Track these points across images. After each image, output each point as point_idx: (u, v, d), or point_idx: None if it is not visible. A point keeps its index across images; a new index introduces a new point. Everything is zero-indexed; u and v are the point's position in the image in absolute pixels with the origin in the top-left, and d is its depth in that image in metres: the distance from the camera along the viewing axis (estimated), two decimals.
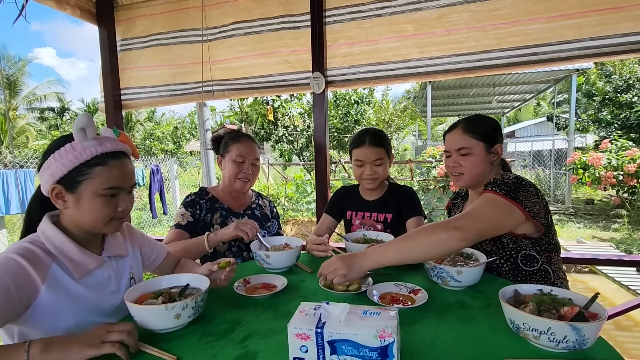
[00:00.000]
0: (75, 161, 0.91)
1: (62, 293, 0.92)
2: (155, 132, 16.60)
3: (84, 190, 0.93)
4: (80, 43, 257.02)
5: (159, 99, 2.61)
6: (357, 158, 1.64)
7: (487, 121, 1.36)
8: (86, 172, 0.92)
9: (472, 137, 1.31)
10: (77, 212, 0.95)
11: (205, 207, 1.63)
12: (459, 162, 1.33)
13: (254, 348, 0.82)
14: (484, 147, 1.30)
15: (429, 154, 7.61)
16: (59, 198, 0.94)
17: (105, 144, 0.94)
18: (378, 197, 1.72)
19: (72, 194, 0.93)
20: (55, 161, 0.91)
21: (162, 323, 0.89)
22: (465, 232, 1.04)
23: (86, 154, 0.91)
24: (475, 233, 1.06)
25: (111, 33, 2.57)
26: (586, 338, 0.73)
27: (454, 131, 1.36)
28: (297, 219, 8.48)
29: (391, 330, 0.68)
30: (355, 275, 1.08)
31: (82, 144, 0.91)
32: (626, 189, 6.89)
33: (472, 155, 1.31)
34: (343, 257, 1.10)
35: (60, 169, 0.91)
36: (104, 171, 0.93)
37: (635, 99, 11.42)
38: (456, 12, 1.94)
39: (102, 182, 0.93)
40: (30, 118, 20.91)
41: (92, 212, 0.94)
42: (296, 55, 2.27)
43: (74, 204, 0.94)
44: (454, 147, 1.35)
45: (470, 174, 1.33)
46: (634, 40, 1.68)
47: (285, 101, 11.40)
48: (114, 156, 0.96)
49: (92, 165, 0.92)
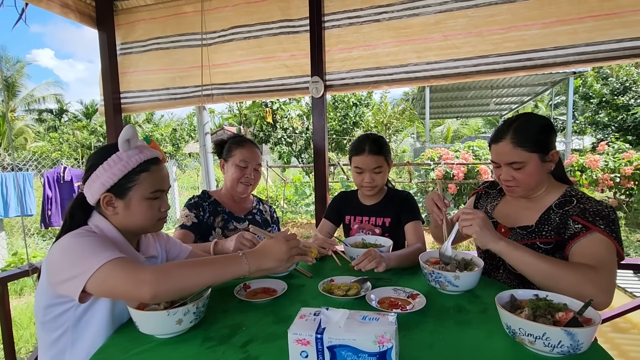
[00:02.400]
0: (124, 170, 0.99)
1: None
2: (154, 134, 16.59)
3: (133, 196, 1.01)
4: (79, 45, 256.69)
5: (158, 102, 2.62)
6: (356, 165, 1.65)
7: (537, 125, 1.19)
8: (134, 179, 1.01)
9: (524, 151, 1.16)
10: (127, 215, 1.02)
11: (208, 210, 1.64)
12: (511, 176, 1.21)
13: (254, 353, 0.83)
14: (538, 157, 1.17)
15: (428, 156, 7.64)
16: (110, 205, 1.01)
17: (145, 151, 1.03)
18: (376, 202, 1.74)
19: (122, 200, 1.01)
20: (105, 171, 0.98)
21: (164, 328, 0.90)
22: (606, 296, 1.00)
23: (132, 162, 1.00)
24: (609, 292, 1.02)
25: (111, 37, 2.58)
26: (580, 343, 0.74)
27: (501, 143, 1.20)
28: (296, 221, 8.49)
29: (390, 336, 0.69)
30: (485, 239, 1.07)
31: (126, 153, 1.00)
32: (623, 191, 6.92)
33: (526, 168, 1.18)
34: (486, 218, 1.09)
35: (111, 178, 0.98)
36: (149, 176, 1.02)
37: (632, 101, 11.50)
38: (453, 18, 1.96)
39: (148, 187, 1.02)
40: (28, 120, 20.87)
41: (142, 214, 1.03)
42: (295, 59, 2.29)
43: (124, 209, 1.02)
44: (504, 161, 1.21)
45: (527, 187, 1.22)
46: (628, 45, 1.70)
47: (284, 103, 11.43)
48: (154, 162, 1.05)
49: (138, 172, 1.01)
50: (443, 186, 6.77)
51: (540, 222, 1.22)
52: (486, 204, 1.47)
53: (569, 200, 1.21)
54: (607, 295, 1.01)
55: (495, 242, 1.06)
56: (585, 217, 1.11)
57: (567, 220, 1.15)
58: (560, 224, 1.17)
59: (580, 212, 1.13)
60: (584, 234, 1.10)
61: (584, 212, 1.13)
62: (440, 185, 1.36)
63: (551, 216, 1.21)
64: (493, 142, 1.25)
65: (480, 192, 1.54)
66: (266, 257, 0.97)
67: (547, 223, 1.21)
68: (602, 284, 1.00)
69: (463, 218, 1.10)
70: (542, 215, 1.23)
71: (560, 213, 1.19)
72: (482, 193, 1.53)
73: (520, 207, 1.31)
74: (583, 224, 1.11)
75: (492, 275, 1.32)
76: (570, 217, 1.15)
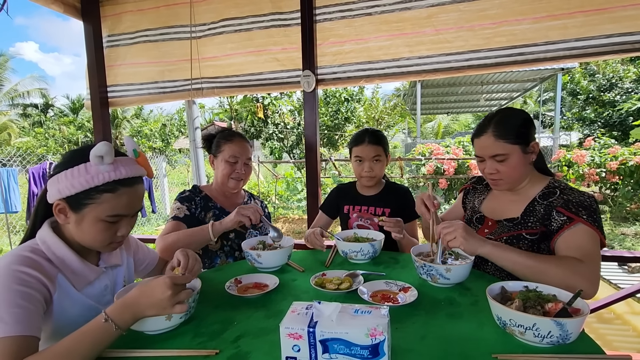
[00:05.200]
0: (85, 185, 0.88)
1: (68, 301, 0.92)
2: (143, 130, 16.33)
3: (88, 214, 0.91)
4: (65, 37, 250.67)
5: (147, 96, 2.57)
6: (356, 155, 1.71)
7: (517, 118, 1.22)
8: (93, 197, 0.90)
9: (506, 143, 1.19)
10: (77, 230, 0.93)
11: (199, 205, 1.62)
12: (495, 168, 1.24)
13: (246, 348, 0.83)
14: (520, 149, 1.20)
15: (419, 152, 7.69)
16: (62, 213, 0.92)
17: (120, 169, 0.92)
18: (375, 193, 1.78)
19: (75, 213, 0.91)
20: (65, 179, 0.89)
21: (153, 324, 0.89)
22: (594, 286, 1.03)
23: (98, 179, 0.89)
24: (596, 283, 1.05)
25: (97, 29, 2.51)
26: (569, 333, 0.75)
27: (483, 136, 1.24)
28: (288, 217, 8.48)
29: (382, 329, 0.69)
30: (472, 247, 1.07)
31: (97, 167, 0.89)
32: (608, 185, 7.07)
33: (509, 160, 1.21)
34: (466, 226, 1.09)
35: (69, 189, 0.89)
36: (112, 199, 0.91)
37: (618, 97, 11.72)
38: (445, 12, 1.96)
39: (106, 209, 0.91)
40: (12, 115, 20.34)
41: (92, 235, 0.93)
42: (286, 53, 2.26)
43: (75, 223, 0.92)
44: (487, 154, 1.24)
45: (510, 179, 1.25)
46: (617, 41, 1.72)
47: (275, 98, 11.35)
48: (126, 183, 0.93)
49: (101, 191, 0.90)
50: (434, 181, 6.83)
51: (526, 213, 1.25)
52: (474, 198, 1.50)
53: (552, 191, 1.24)
54: (594, 285, 1.04)
55: (482, 247, 1.08)
56: (568, 208, 1.15)
57: (551, 212, 1.18)
58: (544, 214, 1.20)
59: (564, 203, 1.16)
60: (568, 225, 1.13)
61: (567, 204, 1.16)
62: (431, 186, 1.36)
63: (536, 207, 1.24)
64: (475, 136, 1.28)
65: (468, 188, 1.57)
66: (142, 306, 0.83)
67: (532, 214, 1.23)
68: (590, 276, 1.04)
69: (445, 233, 1.10)
70: (527, 207, 1.26)
71: (544, 204, 1.22)
72: (470, 189, 1.56)
73: (506, 200, 1.34)
74: (567, 215, 1.14)
75: (482, 268, 1.33)
76: (554, 209, 1.18)
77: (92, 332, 0.80)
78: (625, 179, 6.67)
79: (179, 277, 0.90)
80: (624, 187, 6.85)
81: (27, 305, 0.80)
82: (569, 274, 1.02)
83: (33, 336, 0.79)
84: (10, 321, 0.76)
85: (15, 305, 0.78)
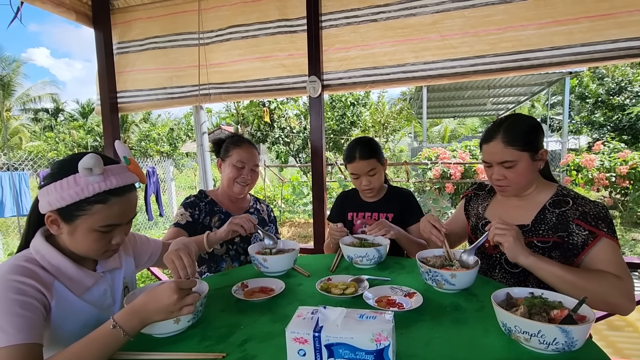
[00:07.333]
0: (75, 197, 0.87)
1: (67, 308, 0.92)
2: (151, 134, 16.51)
3: (80, 225, 0.90)
4: (76, 44, 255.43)
5: (155, 102, 2.62)
6: (351, 172, 1.71)
7: (527, 125, 1.21)
8: (85, 208, 0.89)
9: (515, 149, 1.19)
10: (70, 240, 0.93)
11: (204, 210, 1.64)
12: (503, 175, 1.23)
13: (252, 352, 0.84)
14: (528, 156, 1.20)
15: (425, 156, 7.67)
16: (54, 224, 0.91)
17: (111, 179, 0.90)
18: (378, 199, 1.78)
19: (67, 224, 0.90)
20: (55, 192, 0.88)
21: (161, 328, 0.90)
22: (632, 302, 1.06)
23: (88, 190, 0.87)
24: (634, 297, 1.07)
25: (107, 36, 2.57)
26: (575, 340, 0.75)
27: (492, 142, 1.23)
28: (294, 221, 8.49)
29: (387, 334, 0.69)
30: (515, 253, 1.06)
31: (86, 178, 0.87)
32: (619, 190, 6.97)
33: (517, 166, 1.20)
34: (520, 233, 1.08)
35: (59, 201, 0.87)
36: (103, 209, 0.90)
37: (627, 101, 11.57)
38: (450, 18, 1.97)
39: (99, 220, 0.90)
40: (24, 119, 20.73)
41: (86, 244, 0.93)
42: (292, 59, 2.29)
43: (68, 233, 0.92)
44: (495, 160, 1.24)
45: (518, 186, 1.25)
46: (624, 46, 1.71)
47: (281, 103, 11.41)
48: (117, 193, 0.92)
49: (92, 202, 0.89)
50: (439, 185, 6.80)
51: (537, 221, 1.23)
52: (477, 205, 1.48)
53: (563, 200, 1.22)
54: (633, 301, 1.06)
55: (525, 257, 1.06)
56: (587, 221, 1.14)
57: (569, 224, 1.17)
58: (558, 224, 1.19)
59: (582, 215, 1.16)
60: (593, 242, 1.12)
61: (585, 216, 1.15)
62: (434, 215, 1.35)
63: (547, 215, 1.22)
64: (484, 142, 1.27)
65: (469, 195, 1.56)
66: (149, 312, 0.85)
67: (544, 222, 1.22)
68: (628, 291, 1.06)
69: (497, 227, 1.08)
70: (538, 214, 1.24)
71: (557, 213, 1.20)
72: (472, 195, 1.54)
73: (512, 206, 1.33)
74: (588, 229, 1.13)
75: (489, 275, 1.33)
76: (571, 221, 1.17)
77: (100, 338, 0.81)
78: (636, 184, 6.57)
79: (185, 281, 0.92)
80: (634, 191, 6.75)
81: (26, 314, 0.80)
82: (608, 289, 1.04)
83: (36, 343, 0.79)
84: (12, 330, 0.77)
85: (14, 314, 0.79)
